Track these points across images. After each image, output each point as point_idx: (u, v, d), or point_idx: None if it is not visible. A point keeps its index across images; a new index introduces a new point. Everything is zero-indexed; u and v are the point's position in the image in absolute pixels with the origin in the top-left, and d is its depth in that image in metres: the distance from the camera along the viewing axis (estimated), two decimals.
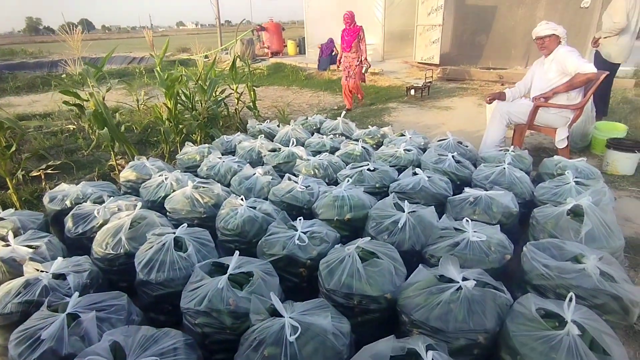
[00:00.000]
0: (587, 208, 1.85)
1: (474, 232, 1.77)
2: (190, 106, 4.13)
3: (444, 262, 1.47)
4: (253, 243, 2.00)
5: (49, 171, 3.67)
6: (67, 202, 2.37)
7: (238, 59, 5.15)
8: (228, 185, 2.70)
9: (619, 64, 4.30)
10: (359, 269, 1.56)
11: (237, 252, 1.63)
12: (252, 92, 4.99)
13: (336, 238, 1.92)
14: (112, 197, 2.35)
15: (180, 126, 4.01)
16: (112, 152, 3.49)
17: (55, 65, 14.25)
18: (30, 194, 3.28)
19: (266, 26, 13.97)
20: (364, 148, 3.06)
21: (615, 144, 3.30)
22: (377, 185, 2.47)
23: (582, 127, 3.66)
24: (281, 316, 1.30)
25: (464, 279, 1.42)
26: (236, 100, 5.00)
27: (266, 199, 2.43)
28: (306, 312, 1.34)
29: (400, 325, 1.49)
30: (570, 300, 1.28)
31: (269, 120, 4.18)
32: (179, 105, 4.01)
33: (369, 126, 3.71)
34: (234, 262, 1.58)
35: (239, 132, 3.79)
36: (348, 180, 2.34)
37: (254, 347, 1.26)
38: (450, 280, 1.44)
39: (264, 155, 3.14)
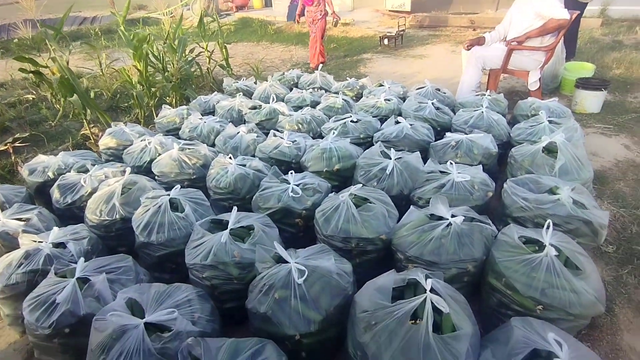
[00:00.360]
0: (560, 144, 1.98)
1: (458, 173, 1.87)
2: (162, 67, 3.95)
3: (434, 202, 1.57)
4: (247, 199, 2.05)
5: (16, 144, 3.51)
6: (49, 174, 2.31)
7: (205, 15, 4.89)
8: (212, 145, 2.69)
9: (586, 3, 4.36)
10: (354, 214, 1.64)
11: (235, 208, 1.68)
12: (223, 50, 4.80)
13: (328, 188, 1.98)
14: (95, 165, 2.31)
15: (153, 89, 3.86)
16: (84, 121, 3.36)
17: (3, 31, 13.05)
18: (1, 168, 3.15)
19: None
20: (345, 100, 3.07)
21: (583, 84, 3.43)
22: (361, 136, 2.52)
23: (553, 68, 3.77)
24: (287, 262, 1.38)
25: (453, 215, 1.53)
26: (207, 59, 4.82)
27: (253, 156, 2.44)
28: (310, 256, 1.42)
29: (395, 262, 1.61)
30: (548, 227, 1.41)
31: (244, 78, 4.08)
32: (149, 67, 3.83)
33: (347, 78, 3.69)
34: (234, 217, 1.63)
35: (215, 92, 3.70)
36: (333, 133, 2.38)
37: (264, 292, 1.34)
38: (440, 218, 1.54)
39: (245, 114, 3.11)
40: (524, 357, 1.07)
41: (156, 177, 2.31)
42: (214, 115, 3.17)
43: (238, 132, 2.64)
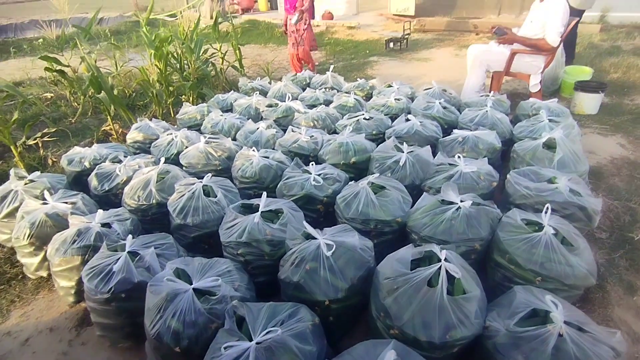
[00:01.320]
0: (559, 140, 2.16)
1: (466, 165, 2.06)
2: (179, 67, 4.15)
3: (445, 189, 1.75)
4: (270, 188, 2.23)
5: (45, 139, 3.69)
6: (86, 164, 2.50)
7: (219, 17, 5.09)
8: (234, 140, 2.87)
9: (583, 10, 4.55)
10: (372, 199, 1.82)
11: (264, 194, 1.86)
12: (237, 51, 5.00)
13: (347, 178, 2.17)
14: (128, 157, 2.49)
15: (171, 88, 4.05)
16: (109, 117, 3.55)
17: (10, 30, 13.27)
18: (33, 160, 3.34)
19: None
20: (356, 99, 3.26)
21: (582, 86, 3.62)
22: (373, 132, 2.71)
23: (553, 71, 3.95)
24: (315, 239, 1.55)
25: (462, 200, 1.71)
26: (221, 60, 5.01)
27: (273, 149, 2.62)
28: (335, 234, 1.60)
29: (409, 243, 1.79)
30: (547, 210, 1.59)
31: (259, 78, 4.27)
32: (167, 66, 4.02)
33: (356, 79, 3.87)
34: (264, 201, 1.81)
35: (232, 91, 3.89)
36: (349, 129, 2.56)
37: (296, 264, 1.52)
38: (451, 203, 1.72)
39: (263, 111, 3.29)
40: (524, 315, 1.25)
41: (184, 168, 2.49)
42: (231, 113, 3.36)
43: (258, 128, 2.82)
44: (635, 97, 4.02)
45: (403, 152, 2.21)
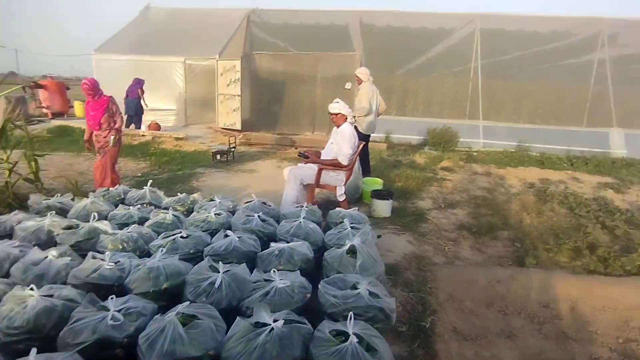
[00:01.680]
0: (358, 247, 2.47)
1: (280, 280, 2.11)
2: None
3: (257, 310, 1.72)
4: (52, 336, 1.78)
5: None
6: None
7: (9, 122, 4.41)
8: (5, 276, 2.28)
9: (369, 135, 5.78)
10: (181, 333, 1.63)
11: (34, 350, 1.46)
12: (32, 162, 4.31)
13: (154, 309, 1.92)
14: None
15: None
16: None
17: None
18: None
19: (45, 84, 12.20)
20: (175, 216, 3.12)
21: (376, 194, 4.40)
22: (191, 251, 2.57)
23: (354, 183, 4.72)
24: None
25: (275, 320, 1.69)
26: (7, 172, 4.21)
27: (64, 283, 2.18)
28: None
29: None
30: (351, 318, 1.72)
31: (58, 194, 3.69)
32: None
33: (178, 193, 3.77)
34: None
35: (16, 211, 3.22)
36: (162, 250, 2.37)
37: None
38: (264, 324, 1.69)
39: (57, 235, 2.78)
40: None
41: None
42: (11, 239, 2.72)
43: (46, 257, 2.34)
44: (415, 201, 5.09)
45: (219, 271, 2.14)
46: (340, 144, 4.02)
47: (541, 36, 11.02)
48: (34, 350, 1.44)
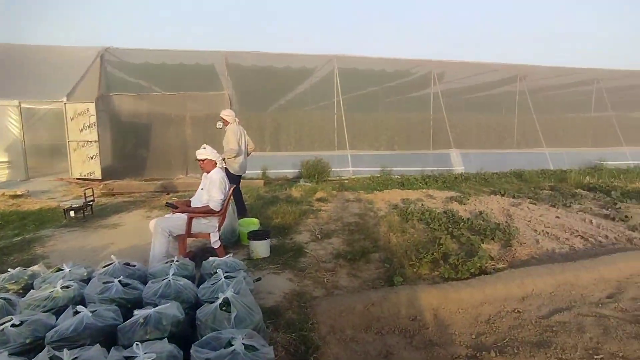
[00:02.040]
0: (231, 298, 2.37)
1: (145, 353, 1.87)
2: None
3: None
4: None
5: None
6: None
7: None
8: None
9: (240, 176, 5.77)
10: None
11: None
12: None
13: None
14: None
15: None
16: None
17: None
18: None
19: None
20: (5, 299, 2.55)
21: (253, 235, 4.35)
22: (27, 342, 2.11)
23: (230, 226, 4.59)
24: None
25: None
26: None
27: None
28: None
29: None
30: None
31: None
32: None
33: (10, 269, 3.08)
34: None
35: None
36: None
37: None
38: None
39: None
40: None
41: None
42: None
43: None
44: (293, 235, 5.18)
45: None
46: (210, 190, 3.91)
47: (388, 74, 12.80)
48: None
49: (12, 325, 2.17)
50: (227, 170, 5.67)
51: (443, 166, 11.61)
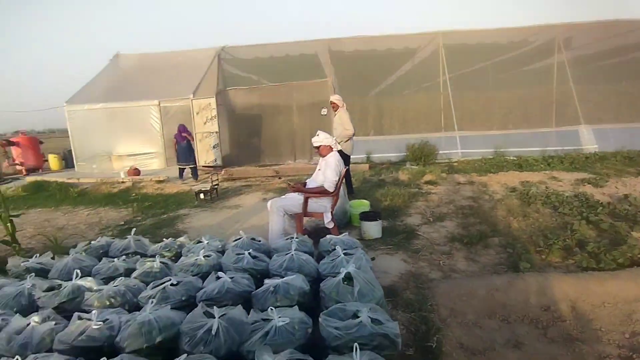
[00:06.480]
0: (353, 273, 2.43)
1: (279, 317, 2.04)
2: None
3: (258, 354, 1.65)
4: None
5: None
6: None
7: None
8: None
9: (349, 156, 5.86)
10: None
11: None
12: (9, 224, 4.14)
13: None
14: None
15: None
16: None
17: None
18: None
19: (17, 140, 11.97)
20: (163, 263, 3.02)
21: (364, 217, 4.39)
22: (183, 299, 2.48)
23: (341, 207, 4.70)
24: None
25: None
26: None
27: (50, 350, 2.05)
28: None
29: None
30: (356, 349, 1.66)
31: (37, 255, 3.54)
32: None
33: (164, 239, 3.67)
34: None
35: None
36: (152, 302, 2.27)
37: None
38: None
39: (38, 298, 2.65)
40: None
41: None
42: None
43: (28, 324, 2.21)
44: (403, 218, 5.09)
45: (214, 317, 2.05)
46: (325, 172, 4.07)
47: (500, 47, 11.56)
48: None
49: (171, 285, 2.55)
50: (340, 152, 5.84)
51: (569, 145, 10.13)
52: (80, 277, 2.78)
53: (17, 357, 1.83)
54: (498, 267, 3.56)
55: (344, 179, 4.42)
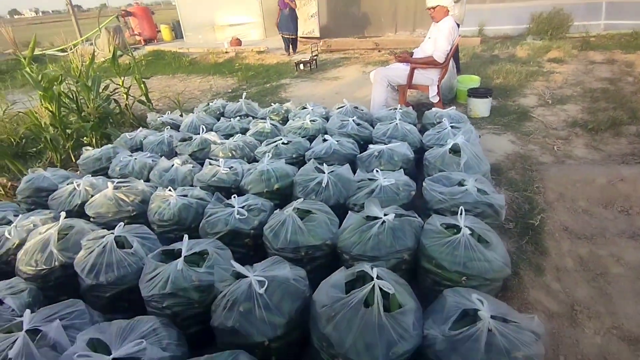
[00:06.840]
0: (462, 144, 2.36)
1: (384, 178, 2.14)
2: (76, 107, 3.78)
3: (368, 205, 1.79)
4: (193, 228, 2.10)
5: None
6: None
7: (118, 50, 4.78)
8: (147, 180, 2.67)
9: (458, 25, 5.13)
10: (300, 225, 1.80)
11: (186, 236, 1.73)
12: (142, 85, 4.72)
13: (271, 206, 2.12)
14: (19, 216, 2.17)
15: (69, 131, 3.67)
16: None
17: None
18: None
19: (132, 11, 12.77)
20: (273, 124, 3.25)
21: (473, 93, 4.04)
22: (293, 156, 2.71)
23: (448, 82, 4.36)
24: (245, 277, 1.48)
25: (385, 214, 1.76)
26: (125, 96, 4.69)
27: (191, 186, 2.49)
28: (266, 268, 1.54)
29: (342, 263, 1.79)
30: (462, 212, 1.71)
31: (169, 112, 4.06)
32: (61, 108, 3.64)
33: (271, 104, 3.88)
34: (186, 244, 1.69)
35: (140, 128, 3.64)
36: (268, 155, 2.53)
37: (228, 307, 1.43)
38: (375, 218, 1.77)
39: (176, 146, 3.13)
40: (457, 318, 1.31)
41: (92, 219, 2.24)
42: (142, 151, 3.13)
43: (172, 165, 2.66)
44: (516, 98, 4.59)
45: (324, 172, 2.24)
46: (437, 40, 3.64)
47: None
48: (186, 237, 1.72)
49: (283, 143, 2.78)
50: None
51: None
52: (205, 132, 3.16)
53: (169, 187, 2.26)
54: (628, 157, 3.15)
55: (452, 55, 3.96)
